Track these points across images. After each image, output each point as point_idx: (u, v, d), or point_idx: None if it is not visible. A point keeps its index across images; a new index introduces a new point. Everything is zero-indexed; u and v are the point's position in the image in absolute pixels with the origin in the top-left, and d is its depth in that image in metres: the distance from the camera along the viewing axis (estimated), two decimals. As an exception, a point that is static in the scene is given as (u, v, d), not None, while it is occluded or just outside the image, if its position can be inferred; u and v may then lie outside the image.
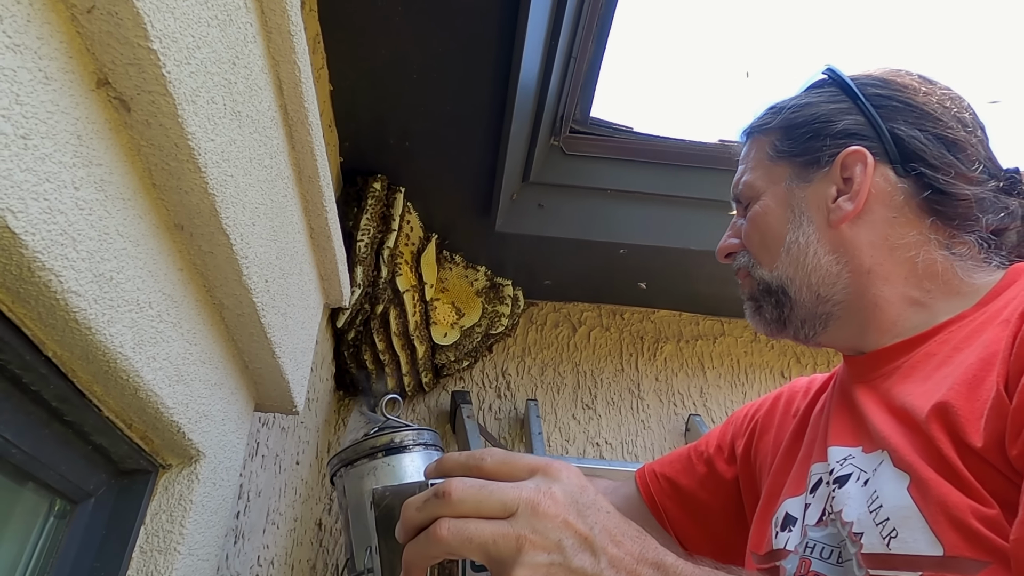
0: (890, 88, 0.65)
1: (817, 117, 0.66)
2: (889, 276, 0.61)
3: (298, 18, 0.55)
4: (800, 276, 0.64)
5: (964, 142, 0.62)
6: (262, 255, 0.56)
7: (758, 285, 0.68)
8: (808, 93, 0.69)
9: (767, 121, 0.71)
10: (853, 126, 0.64)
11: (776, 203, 0.67)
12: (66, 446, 0.48)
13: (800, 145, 0.66)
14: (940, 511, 0.44)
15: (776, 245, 0.66)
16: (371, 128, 1.19)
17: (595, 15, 1.19)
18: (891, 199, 0.62)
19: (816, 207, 0.64)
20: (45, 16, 0.32)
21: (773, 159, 0.68)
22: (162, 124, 0.39)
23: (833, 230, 0.63)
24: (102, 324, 0.38)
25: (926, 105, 0.63)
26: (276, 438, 0.98)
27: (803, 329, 0.66)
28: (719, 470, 0.81)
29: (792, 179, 0.66)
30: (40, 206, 0.32)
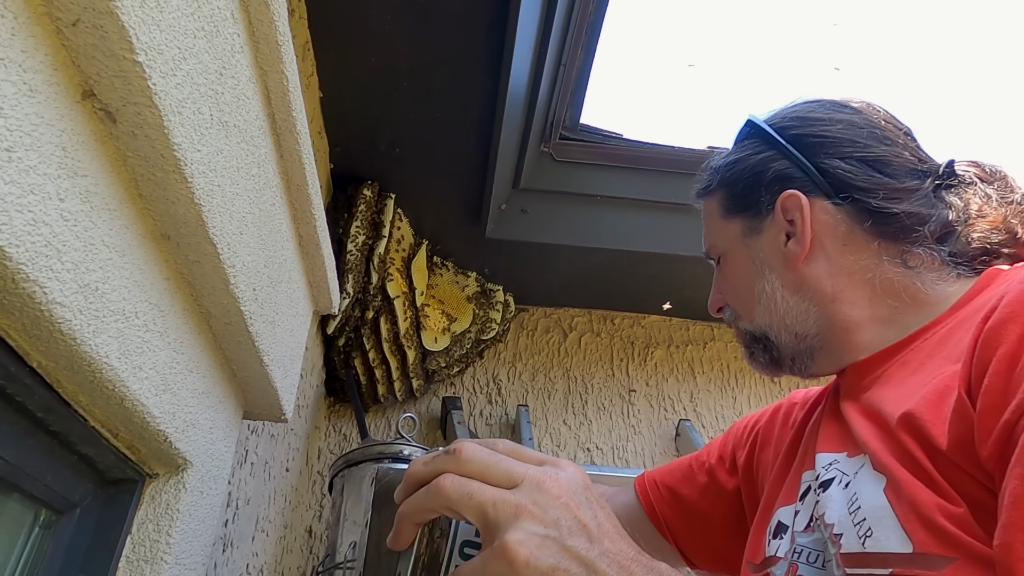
0: (805, 125, 0.67)
1: (749, 170, 0.69)
2: (854, 300, 0.63)
3: (286, 28, 0.55)
4: (776, 321, 0.67)
5: (886, 156, 0.64)
6: (250, 264, 0.56)
7: (745, 335, 0.72)
8: (737, 148, 0.73)
9: (709, 183, 0.74)
10: (783, 170, 0.67)
11: (738, 259, 0.70)
12: (51, 456, 0.48)
13: (742, 200, 0.70)
14: (911, 510, 0.45)
15: (748, 298, 0.69)
16: (361, 135, 1.19)
17: (584, 23, 1.20)
18: (835, 230, 0.64)
19: (772, 254, 0.67)
20: (30, 29, 0.32)
21: (724, 217, 0.72)
22: (148, 135, 0.39)
23: (792, 272, 0.65)
24: (87, 335, 0.38)
25: (841, 132, 0.65)
26: (265, 445, 0.98)
27: (795, 365, 0.69)
28: (720, 480, 0.82)
29: (745, 234, 0.70)
30: (24, 218, 0.32)
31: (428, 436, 1.50)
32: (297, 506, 1.28)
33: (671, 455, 1.54)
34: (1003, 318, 0.45)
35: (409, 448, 0.84)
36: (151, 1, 0.35)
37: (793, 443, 0.71)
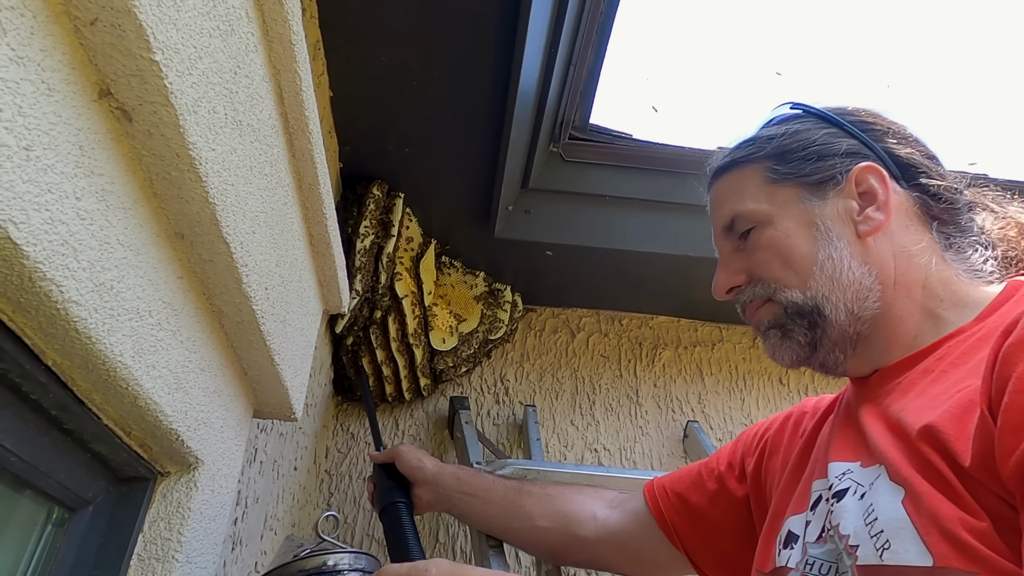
0: (863, 115, 0.69)
1: (814, 141, 0.67)
2: (911, 287, 0.63)
3: (299, 27, 0.55)
4: (836, 293, 0.63)
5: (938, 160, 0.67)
6: (262, 263, 0.56)
7: (785, 309, 0.65)
8: (786, 123, 0.70)
9: (753, 151, 0.70)
10: (852, 147, 0.66)
11: (796, 223, 0.65)
12: (65, 454, 0.48)
13: (806, 166, 0.66)
14: (931, 522, 0.45)
15: (807, 264, 0.64)
16: (371, 134, 1.19)
17: (595, 22, 1.20)
18: (904, 208, 0.65)
19: (841, 222, 0.64)
20: (49, 28, 0.32)
21: (775, 181, 0.67)
22: (163, 134, 0.39)
23: (861, 242, 0.63)
24: (102, 333, 0.39)
25: (901, 130, 0.68)
26: (274, 444, 0.98)
27: (833, 353, 0.65)
28: (730, 488, 0.81)
29: (807, 198, 0.66)
30: (42, 217, 0.32)
31: (435, 436, 1.50)
32: (305, 504, 1.28)
33: (679, 456, 1.54)
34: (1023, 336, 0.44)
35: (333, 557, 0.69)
36: (168, 0, 0.36)
37: (803, 452, 0.70)
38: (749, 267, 0.68)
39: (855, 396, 0.65)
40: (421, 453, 1.05)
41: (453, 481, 0.99)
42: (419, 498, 1.01)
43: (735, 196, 0.70)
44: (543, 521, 0.91)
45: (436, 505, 1.01)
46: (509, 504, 0.94)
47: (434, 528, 1.39)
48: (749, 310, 0.70)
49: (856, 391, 0.66)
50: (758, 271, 0.67)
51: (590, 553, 0.90)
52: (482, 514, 0.96)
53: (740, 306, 0.71)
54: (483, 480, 0.99)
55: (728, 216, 0.70)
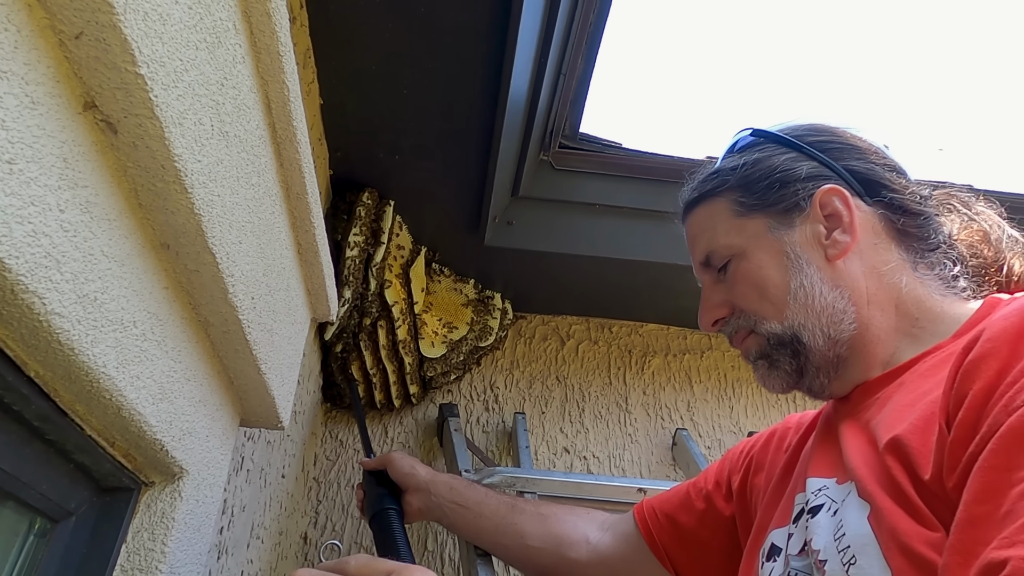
0: (821, 134, 0.68)
1: (775, 168, 0.67)
2: (884, 305, 0.63)
3: (287, 38, 0.55)
4: (812, 320, 0.63)
5: (901, 169, 0.66)
6: (248, 272, 0.56)
7: (767, 340, 0.66)
8: (747, 151, 0.71)
9: (717, 184, 0.71)
10: (813, 170, 0.66)
11: (767, 254, 0.66)
12: (47, 465, 0.48)
13: (770, 195, 0.67)
14: (891, 538, 0.46)
15: (781, 295, 0.65)
16: (361, 142, 1.19)
17: (585, 32, 1.20)
18: (870, 226, 0.64)
19: (809, 247, 0.65)
20: (33, 42, 0.32)
21: (742, 214, 0.68)
22: (149, 146, 0.39)
23: (831, 265, 0.64)
24: (85, 344, 0.39)
25: (860, 143, 0.67)
26: (262, 452, 0.98)
27: (818, 378, 0.66)
28: (718, 507, 0.81)
29: (774, 228, 0.66)
30: (24, 229, 0.32)
31: (425, 443, 1.50)
32: (293, 513, 1.28)
33: (667, 464, 1.54)
34: (983, 353, 0.45)
35: None
36: (154, 14, 0.36)
37: (787, 466, 0.70)
38: (730, 299, 0.69)
39: (835, 411, 0.65)
40: (414, 460, 1.05)
41: (446, 491, 0.99)
42: (410, 505, 1.01)
43: (708, 231, 0.71)
44: (535, 541, 0.91)
45: (427, 513, 1.01)
46: (501, 520, 0.94)
47: (423, 536, 1.39)
48: (736, 340, 0.71)
49: (836, 406, 0.66)
50: (738, 303, 0.68)
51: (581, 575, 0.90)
52: (473, 527, 0.96)
53: (727, 336, 0.72)
54: (476, 492, 0.99)
55: (704, 252, 0.71)
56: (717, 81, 1.56)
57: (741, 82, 1.54)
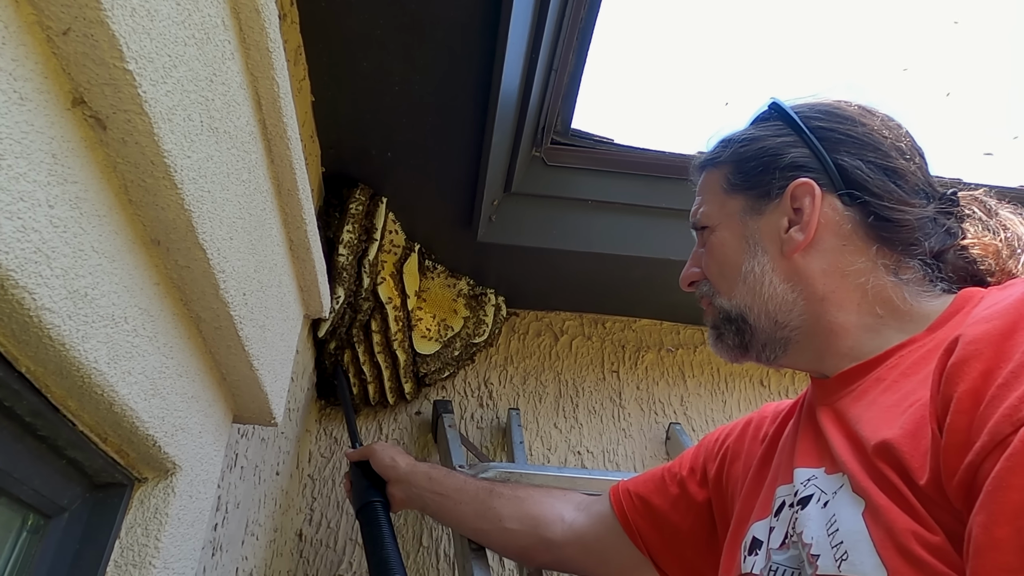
0: (832, 120, 0.67)
1: (765, 151, 0.68)
2: (843, 303, 0.63)
3: (276, 34, 0.55)
4: (757, 304, 0.66)
5: (904, 170, 0.64)
6: (239, 268, 0.56)
7: (718, 313, 0.70)
8: (756, 127, 0.72)
9: (718, 154, 0.73)
10: (800, 158, 0.66)
11: (731, 234, 0.69)
12: (39, 460, 0.48)
13: (751, 179, 0.68)
14: (887, 536, 0.46)
15: (733, 275, 0.68)
16: (353, 138, 1.19)
17: (576, 28, 1.21)
18: (839, 228, 0.64)
19: (769, 238, 0.66)
20: (20, 38, 0.32)
21: (727, 191, 0.71)
22: (138, 142, 0.39)
23: (786, 260, 0.65)
24: (76, 340, 0.39)
25: (867, 136, 0.65)
26: (255, 449, 0.98)
27: (764, 352, 0.68)
28: (691, 492, 0.82)
29: (745, 211, 0.68)
30: (13, 225, 0.32)
31: (419, 439, 1.51)
32: (287, 509, 1.28)
33: (661, 458, 1.55)
34: (965, 355, 0.45)
35: None
36: (141, 10, 0.36)
37: (764, 457, 0.71)
38: (703, 265, 0.73)
39: (814, 398, 0.66)
40: (395, 451, 1.06)
41: (425, 480, 1.00)
42: (393, 496, 1.03)
43: (701, 197, 0.74)
44: (512, 523, 0.92)
45: (409, 503, 1.03)
46: (479, 505, 0.95)
47: (417, 532, 1.39)
48: (703, 303, 0.74)
49: (815, 392, 0.67)
50: (706, 272, 0.72)
51: (557, 555, 0.91)
52: (453, 514, 0.98)
53: (697, 298, 0.75)
54: (455, 480, 1.00)
55: (693, 213, 0.75)
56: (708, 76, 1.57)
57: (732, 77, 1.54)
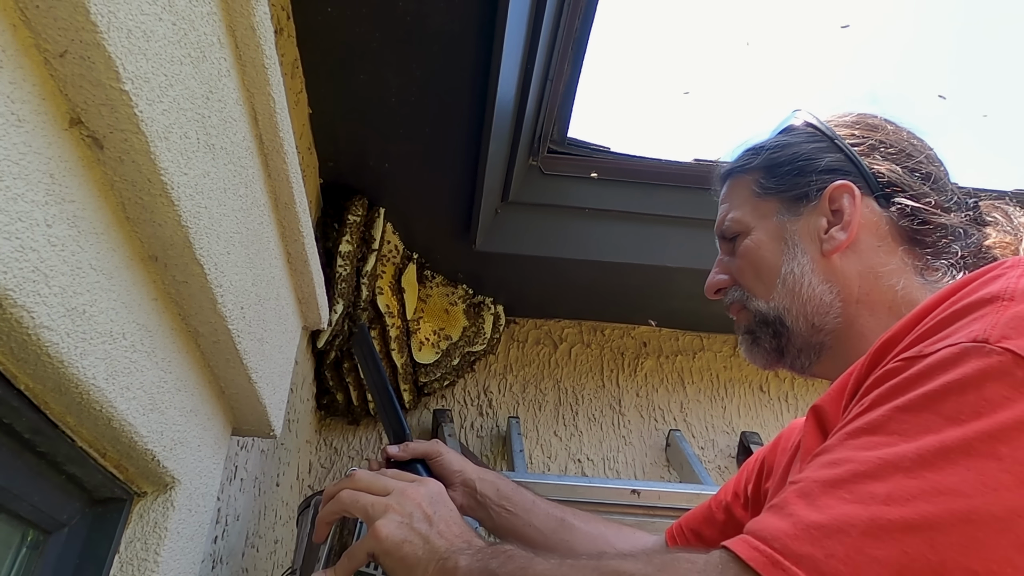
0: (862, 128, 0.69)
1: (800, 155, 0.69)
2: (875, 306, 0.64)
3: (272, 51, 0.56)
4: (796, 306, 0.66)
5: (936, 175, 0.66)
6: (237, 282, 0.56)
7: (754, 317, 0.70)
8: (784, 135, 0.73)
9: (747, 161, 0.74)
10: (835, 163, 0.67)
11: (768, 236, 0.69)
12: (39, 476, 0.48)
13: (787, 181, 0.69)
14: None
15: (771, 276, 0.68)
16: (351, 150, 1.20)
17: (570, 39, 1.22)
18: (877, 229, 0.65)
19: (808, 238, 0.67)
20: (18, 61, 0.33)
21: (759, 195, 0.71)
22: (135, 161, 0.40)
23: (826, 260, 0.65)
24: (75, 357, 0.39)
25: (897, 143, 0.67)
26: (255, 461, 0.98)
27: (799, 359, 0.68)
28: (737, 516, 0.82)
29: (782, 213, 0.69)
30: (12, 245, 0.33)
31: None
32: (288, 521, 1.28)
33: (661, 465, 1.55)
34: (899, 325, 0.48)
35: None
36: (137, 31, 0.36)
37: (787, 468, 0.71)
38: (732, 271, 0.73)
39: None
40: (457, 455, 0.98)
41: (492, 491, 0.94)
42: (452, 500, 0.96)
43: (728, 204, 0.75)
44: None
45: (469, 511, 0.96)
46: (551, 535, 0.91)
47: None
48: (732, 311, 0.74)
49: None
50: (738, 277, 0.72)
51: None
52: (520, 535, 0.93)
53: (725, 306, 0.75)
54: (524, 498, 0.95)
55: (721, 222, 0.75)
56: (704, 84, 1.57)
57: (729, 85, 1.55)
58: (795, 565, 0.38)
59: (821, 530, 0.39)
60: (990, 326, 0.41)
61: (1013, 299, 0.43)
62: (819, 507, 0.40)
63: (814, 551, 0.38)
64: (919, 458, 0.39)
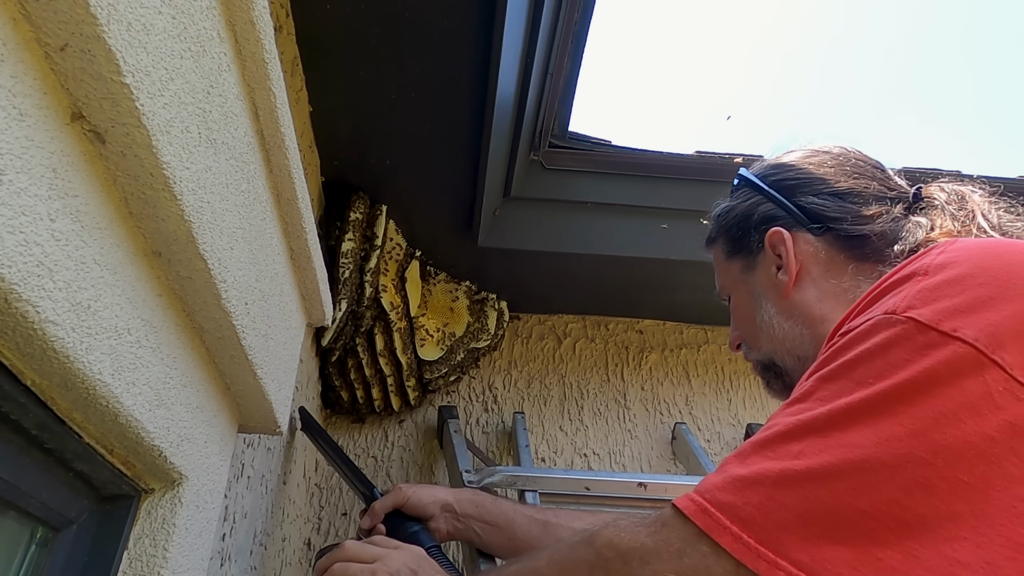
0: (783, 170, 0.76)
1: (740, 216, 0.78)
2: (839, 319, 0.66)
3: (272, 46, 0.56)
4: (778, 347, 0.73)
5: (855, 187, 0.71)
6: (241, 278, 0.56)
7: (757, 365, 0.78)
8: (731, 197, 0.81)
9: (712, 232, 0.84)
10: (767, 212, 0.75)
11: (741, 295, 0.78)
12: (47, 473, 0.49)
13: (738, 243, 0.78)
14: None
15: (753, 329, 0.76)
16: (352, 147, 1.20)
17: (570, 32, 1.21)
18: (816, 257, 0.71)
19: (767, 286, 0.74)
20: (19, 55, 0.33)
21: (727, 260, 0.80)
22: (137, 155, 0.40)
23: (784, 300, 0.72)
24: (80, 352, 0.39)
25: (814, 171, 0.74)
26: (262, 458, 0.98)
27: None
28: None
29: (744, 271, 0.77)
30: (16, 239, 0.33)
31: (425, 446, 1.51)
32: (295, 519, 1.28)
33: (667, 459, 1.55)
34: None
35: None
36: (137, 24, 0.36)
37: None
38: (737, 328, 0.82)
39: None
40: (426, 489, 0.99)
41: (472, 509, 0.96)
42: (437, 530, 0.97)
43: (716, 271, 0.84)
44: None
45: (455, 536, 0.99)
46: (536, 542, 0.92)
47: (426, 538, 1.39)
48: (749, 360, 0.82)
49: None
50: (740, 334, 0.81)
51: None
52: (507, 548, 0.94)
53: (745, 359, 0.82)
54: (503, 511, 0.97)
55: (716, 287, 0.84)
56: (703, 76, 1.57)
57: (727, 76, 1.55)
58: (718, 511, 0.45)
59: (742, 481, 0.46)
60: (901, 299, 0.47)
61: (927, 274, 0.48)
62: (746, 464, 0.47)
63: (734, 499, 0.45)
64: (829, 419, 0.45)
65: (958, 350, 0.42)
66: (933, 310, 0.45)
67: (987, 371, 0.41)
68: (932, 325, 0.44)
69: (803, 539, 0.42)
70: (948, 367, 0.42)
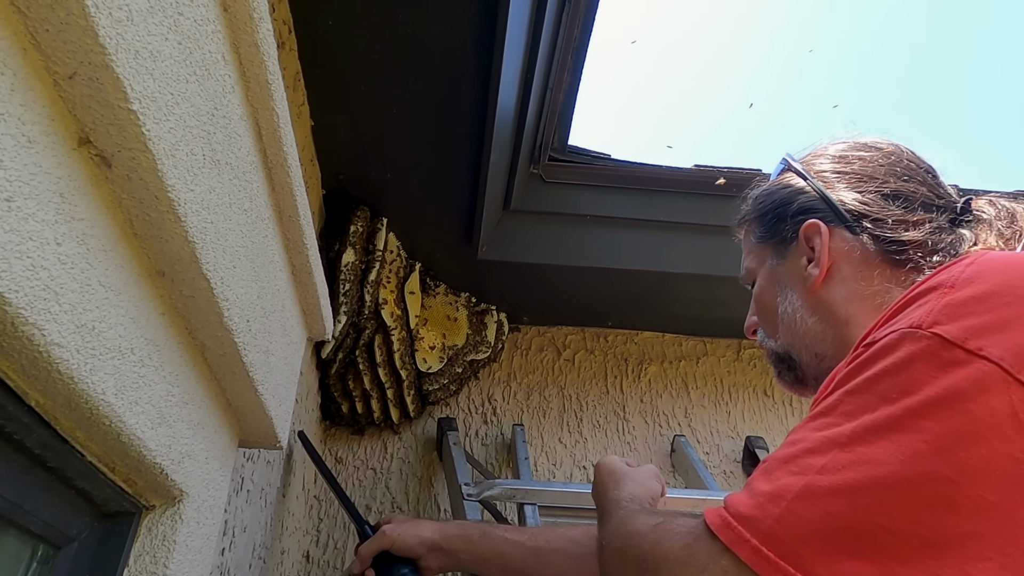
0: (832, 162, 0.74)
1: (778, 202, 0.76)
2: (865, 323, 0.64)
3: (275, 66, 0.56)
4: (797, 341, 0.71)
5: (903, 190, 0.69)
6: (243, 296, 0.57)
7: (772, 354, 0.77)
8: (773, 182, 0.79)
9: (746, 213, 0.81)
10: (807, 202, 0.73)
11: (767, 281, 0.76)
12: (49, 492, 0.49)
13: (772, 228, 0.76)
14: None
15: (773, 318, 0.75)
16: (353, 161, 1.21)
17: (570, 47, 1.22)
18: (851, 256, 0.68)
19: (795, 278, 0.72)
20: (28, 83, 0.33)
21: (757, 243, 0.78)
22: (142, 178, 0.40)
23: (811, 295, 0.70)
24: (84, 373, 0.39)
25: (863, 168, 0.72)
26: (261, 472, 0.98)
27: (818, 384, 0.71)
28: None
29: (772, 258, 0.76)
30: (23, 264, 0.33)
31: (424, 458, 1.51)
32: (294, 532, 1.28)
33: (667, 471, 1.55)
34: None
35: None
36: (145, 52, 0.37)
37: None
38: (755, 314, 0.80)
39: None
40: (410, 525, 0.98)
41: (462, 544, 0.95)
42: (428, 569, 0.96)
43: (743, 252, 0.83)
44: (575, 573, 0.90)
45: (446, 569, 0.98)
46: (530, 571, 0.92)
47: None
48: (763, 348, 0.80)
49: None
50: (757, 318, 0.79)
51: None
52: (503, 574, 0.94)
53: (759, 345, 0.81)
54: (493, 542, 0.95)
55: (742, 269, 0.83)
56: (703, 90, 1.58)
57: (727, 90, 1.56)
58: (741, 525, 0.46)
59: (765, 496, 0.46)
60: (926, 313, 0.46)
61: (954, 287, 0.47)
62: (771, 479, 0.47)
63: (756, 513, 0.45)
64: (854, 434, 0.44)
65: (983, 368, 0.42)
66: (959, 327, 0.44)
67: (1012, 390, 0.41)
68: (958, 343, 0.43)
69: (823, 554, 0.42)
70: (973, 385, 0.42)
